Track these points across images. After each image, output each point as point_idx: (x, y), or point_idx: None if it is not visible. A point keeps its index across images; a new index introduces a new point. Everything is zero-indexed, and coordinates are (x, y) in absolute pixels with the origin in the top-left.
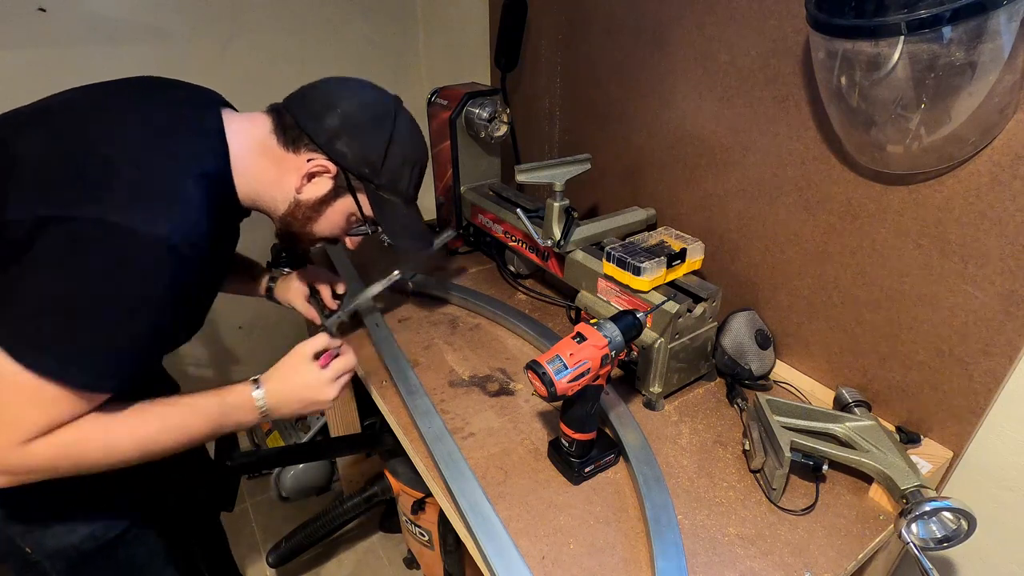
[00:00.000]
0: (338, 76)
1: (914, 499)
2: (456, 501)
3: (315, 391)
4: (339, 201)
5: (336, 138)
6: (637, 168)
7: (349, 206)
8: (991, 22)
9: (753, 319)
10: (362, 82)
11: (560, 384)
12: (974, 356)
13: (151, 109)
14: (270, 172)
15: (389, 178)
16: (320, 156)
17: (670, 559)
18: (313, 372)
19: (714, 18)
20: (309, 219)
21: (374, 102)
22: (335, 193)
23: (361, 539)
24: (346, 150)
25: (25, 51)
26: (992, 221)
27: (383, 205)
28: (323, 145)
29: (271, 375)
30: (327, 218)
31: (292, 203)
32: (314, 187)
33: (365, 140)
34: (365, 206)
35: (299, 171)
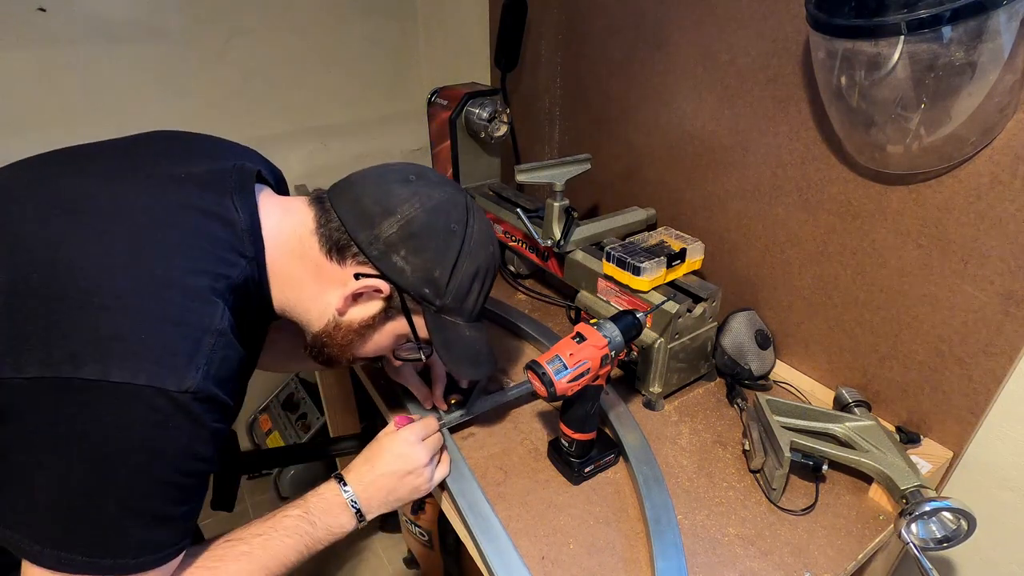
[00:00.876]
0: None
1: (914, 499)
2: (455, 501)
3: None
4: (389, 324)
5: (394, 251)
6: (637, 168)
7: (400, 327)
8: (991, 22)
9: (753, 319)
10: (426, 173)
11: (560, 384)
12: (974, 356)
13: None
14: (308, 284)
15: (455, 298)
16: (372, 272)
17: (670, 559)
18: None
19: (714, 18)
20: (350, 343)
21: (444, 202)
22: (386, 315)
23: (361, 539)
24: (405, 266)
25: (25, 51)
26: (992, 221)
27: (444, 328)
28: (376, 259)
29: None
30: (373, 342)
31: (331, 323)
32: (361, 309)
33: (430, 254)
34: (421, 329)
35: (344, 288)
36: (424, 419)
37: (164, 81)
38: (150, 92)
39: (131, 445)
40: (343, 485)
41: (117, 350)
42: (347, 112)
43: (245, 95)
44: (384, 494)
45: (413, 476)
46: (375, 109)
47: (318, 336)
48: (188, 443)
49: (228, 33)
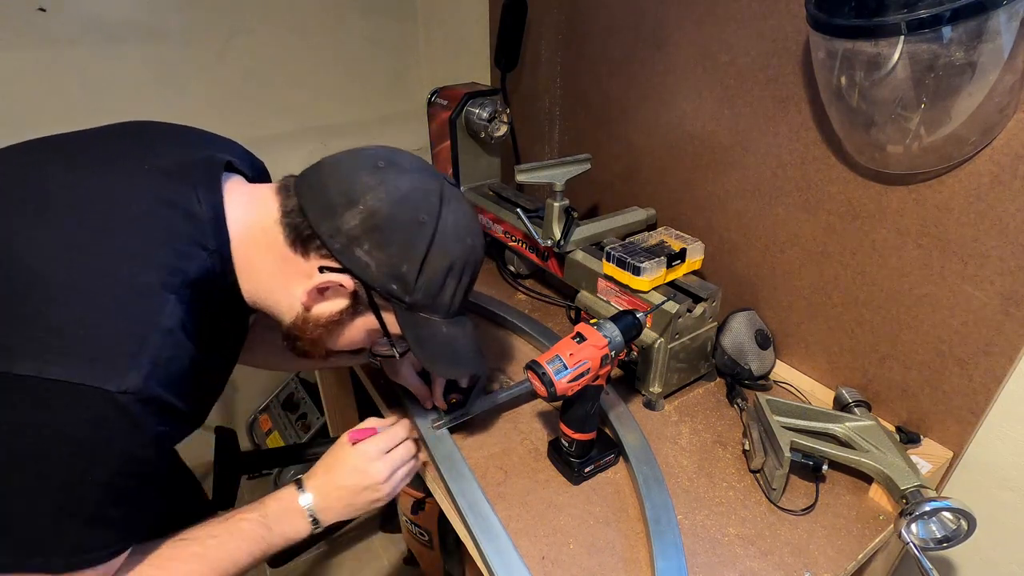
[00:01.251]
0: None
1: (914, 499)
2: (455, 501)
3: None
4: (359, 319)
5: (357, 245)
6: (637, 168)
7: (372, 323)
8: (991, 22)
9: (753, 319)
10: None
11: (560, 384)
12: (974, 356)
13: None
14: (275, 276)
15: (426, 294)
16: (336, 266)
17: (670, 559)
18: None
19: (714, 18)
20: (319, 337)
21: (412, 192)
22: (354, 311)
23: (361, 539)
24: (370, 261)
25: (25, 51)
26: (992, 221)
27: (416, 325)
28: (339, 252)
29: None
30: (344, 337)
31: (299, 317)
32: (327, 304)
33: (395, 248)
34: (392, 326)
35: (308, 281)
36: (389, 431)
37: (164, 81)
38: (150, 92)
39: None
40: (302, 492)
41: (55, 345)
42: (347, 112)
43: (245, 95)
44: (342, 505)
45: (370, 491)
46: (375, 109)
47: (289, 329)
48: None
49: (228, 33)
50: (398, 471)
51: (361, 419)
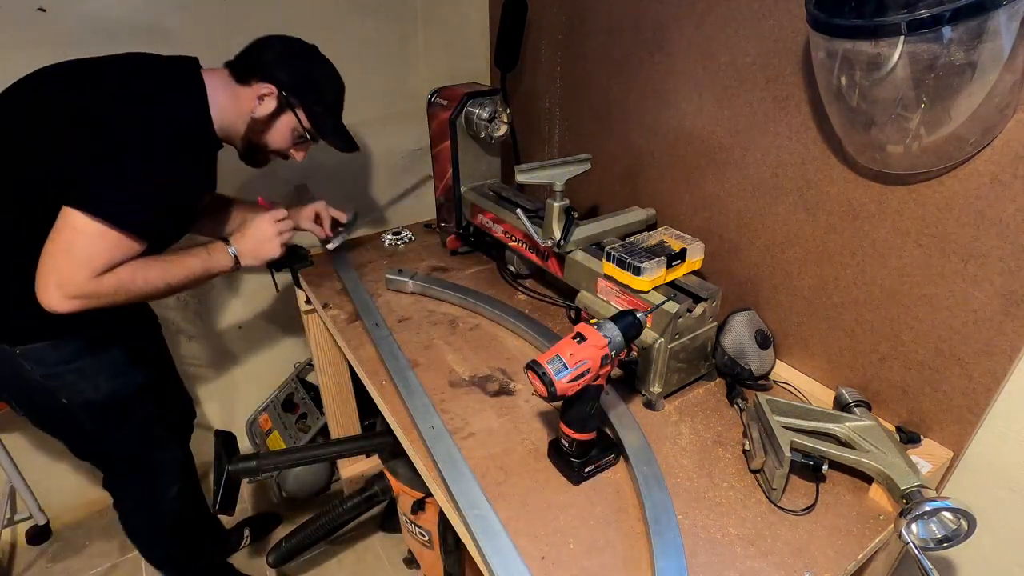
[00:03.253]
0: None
1: (914, 499)
2: (455, 501)
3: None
4: (284, 117)
5: (273, 68)
6: (637, 168)
7: (291, 121)
8: (991, 22)
9: (753, 319)
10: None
11: (560, 384)
12: (974, 356)
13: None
14: (232, 104)
15: (317, 95)
16: (264, 83)
17: (670, 559)
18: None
19: (714, 18)
20: (263, 132)
21: (296, 42)
22: (280, 109)
23: (361, 539)
24: (282, 76)
25: (25, 51)
26: (992, 221)
27: (316, 117)
28: (265, 75)
29: (238, 238)
30: (277, 131)
31: (249, 122)
32: (264, 106)
33: (294, 66)
34: (303, 118)
35: (251, 97)
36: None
37: None
38: None
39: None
40: (228, 245)
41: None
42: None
43: None
44: (249, 250)
45: (269, 243)
46: (375, 109)
47: (245, 135)
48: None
49: (228, 33)
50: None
51: (361, 419)
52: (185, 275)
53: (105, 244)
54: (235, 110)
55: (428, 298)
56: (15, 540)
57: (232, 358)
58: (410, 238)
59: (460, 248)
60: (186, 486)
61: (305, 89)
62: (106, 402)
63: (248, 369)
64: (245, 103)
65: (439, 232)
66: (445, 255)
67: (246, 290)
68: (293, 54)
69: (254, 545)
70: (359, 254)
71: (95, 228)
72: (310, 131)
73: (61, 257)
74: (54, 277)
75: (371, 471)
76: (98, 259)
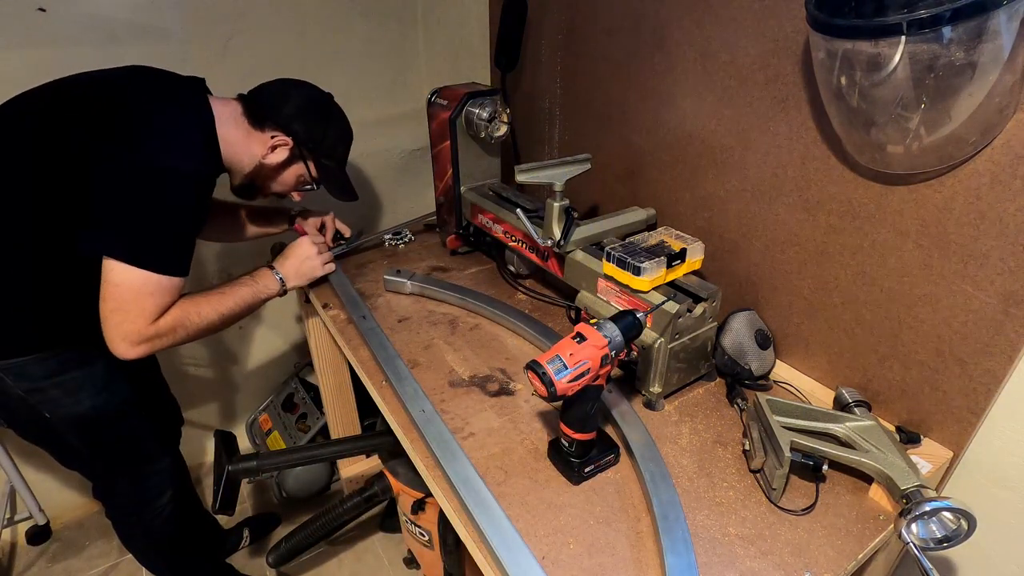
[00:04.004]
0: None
1: (914, 499)
2: (461, 498)
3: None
4: (293, 166)
5: (292, 121)
6: (637, 168)
7: (299, 170)
8: (991, 22)
9: (753, 319)
10: (303, 82)
11: (560, 384)
12: (974, 356)
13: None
14: (243, 143)
15: (328, 150)
16: (280, 133)
17: (680, 555)
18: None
19: (714, 18)
20: (269, 178)
21: (316, 97)
22: (290, 160)
23: (361, 539)
24: (299, 129)
25: (25, 51)
26: (992, 221)
27: (324, 169)
28: (283, 126)
29: (281, 262)
30: (283, 178)
31: (257, 166)
32: (276, 155)
33: (312, 124)
34: (312, 170)
35: (264, 143)
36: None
37: None
38: None
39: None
40: (274, 271)
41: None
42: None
43: None
44: (294, 272)
45: (310, 260)
46: (375, 109)
47: (248, 175)
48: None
49: (228, 33)
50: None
51: (361, 419)
52: (237, 304)
53: (150, 291)
54: (245, 151)
55: (428, 298)
56: (15, 540)
57: (232, 358)
58: (410, 238)
59: (460, 248)
60: (178, 490)
61: (319, 146)
62: (89, 416)
63: (248, 369)
64: (256, 147)
65: (439, 232)
66: (445, 255)
67: None
68: (312, 110)
69: (254, 545)
70: (358, 254)
71: (140, 279)
72: (316, 181)
73: (119, 315)
74: (119, 332)
75: (371, 471)
76: (150, 307)
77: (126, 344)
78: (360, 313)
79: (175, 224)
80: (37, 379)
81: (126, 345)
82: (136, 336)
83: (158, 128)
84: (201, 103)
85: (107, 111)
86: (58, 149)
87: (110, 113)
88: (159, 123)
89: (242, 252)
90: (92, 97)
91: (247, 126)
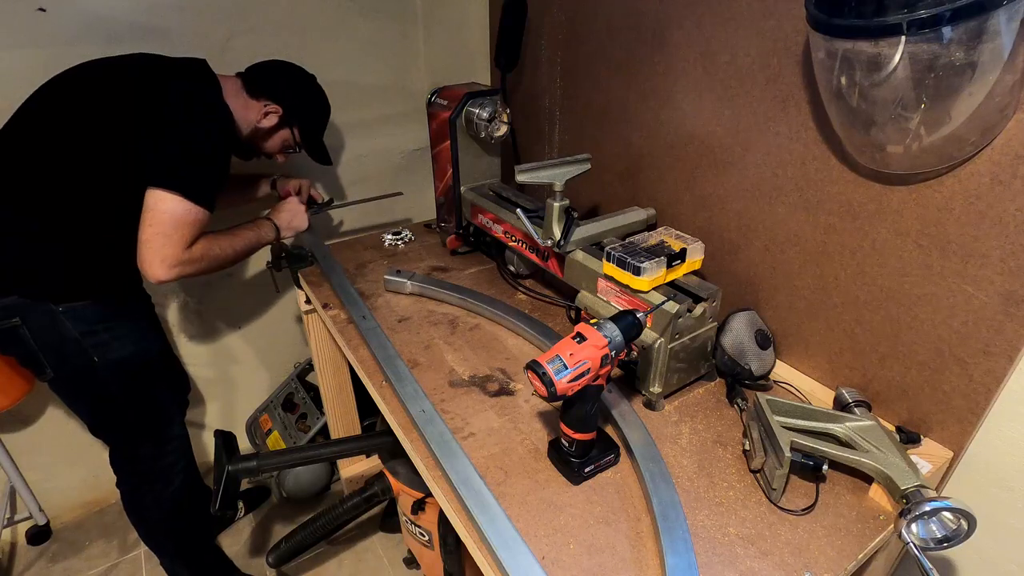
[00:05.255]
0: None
1: (914, 499)
2: (461, 498)
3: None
4: (281, 131)
5: (283, 93)
6: (637, 168)
7: (286, 135)
8: (991, 22)
9: (753, 319)
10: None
11: (560, 384)
12: (974, 356)
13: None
14: (242, 109)
15: (311, 120)
16: (272, 103)
17: (680, 555)
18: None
19: (714, 18)
20: (262, 139)
21: (303, 76)
22: (279, 125)
23: (361, 539)
24: (289, 101)
25: (25, 51)
26: (992, 221)
27: (306, 136)
28: (275, 97)
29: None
30: (273, 140)
31: (253, 129)
32: (267, 120)
33: (298, 97)
34: (296, 135)
35: (259, 111)
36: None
37: None
38: None
39: None
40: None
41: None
42: (347, 112)
43: None
44: (286, 223)
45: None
46: (375, 109)
47: (245, 138)
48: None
49: (228, 33)
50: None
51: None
52: (244, 245)
53: (189, 220)
54: (244, 116)
55: (428, 298)
56: (15, 540)
57: (232, 358)
58: (410, 238)
59: (460, 248)
60: (189, 462)
61: (303, 114)
62: (131, 362)
63: (248, 369)
64: (253, 113)
65: (439, 232)
66: (445, 255)
67: (246, 290)
68: (299, 86)
69: (253, 545)
70: (359, 254)
71: (182, 208)
72: (299, 145)
73: (160, 239)
74: (159, 255)
75: (371, 471)
76: (188, 234)
77: (164, 267)
78: (360, 313)
79: (211, 162)
80: (91, 322)
81: (164, 268)
82: (173, 259)
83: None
84: (211, 76)
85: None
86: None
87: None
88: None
89: None
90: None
91: (245, 96)
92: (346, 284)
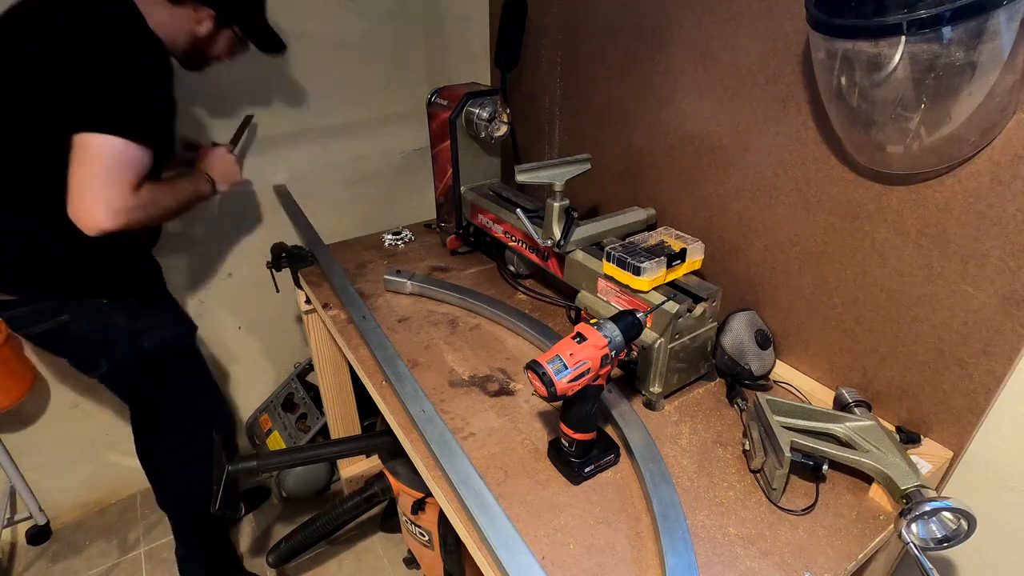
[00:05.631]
0: None
1: (914, 499)
2: (461, 498)
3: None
4: (222, 33)
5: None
6: (637, 168)
7: (228, 36)
8: (991, 22)
9: (753, 319)
10: None
11: (560, 384)
12: (974, 356)
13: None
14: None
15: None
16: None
17: (680, 555)
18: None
19: (714, 18)
20: (207, 47)
21: None
22: (217, 28)
23: (361, 539)
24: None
25: None
26: (992, 221)
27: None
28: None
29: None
30: (217, 45)
31: (191, 39)
32: (203, 27)
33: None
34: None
35: (189, 18)
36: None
37: None
38: None
39: None
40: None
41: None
42: (347, 112)
43: (244, 95)
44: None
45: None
46: (375, 109)
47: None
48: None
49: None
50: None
51: (361, 419)
52: (185, 196)
53: (130, 158)
54: (175, 29)
55: (428, 298)
56: (15, 540)
57: (232, 358)
58: (410, 238)
59: (460, 248)
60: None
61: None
62: (178, 343)
63: (248, 369)
64: (183, 22)
65: (439, 232)
66: (445, 255)
67: (246, 290)
68: None
69: (253, 545)
70: (358, 254)
71: (119, 146)
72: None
73: (99, 181)
74: (101, 199)
75: (371, 471)
76: (131, 175)
77: (108, 213)
78: (360, 313)
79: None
80: (135, 311)
81: (108, 214)
82: (119, 203)
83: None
84: None
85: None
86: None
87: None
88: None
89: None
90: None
91: (169, 7)
92: (346, 284)
